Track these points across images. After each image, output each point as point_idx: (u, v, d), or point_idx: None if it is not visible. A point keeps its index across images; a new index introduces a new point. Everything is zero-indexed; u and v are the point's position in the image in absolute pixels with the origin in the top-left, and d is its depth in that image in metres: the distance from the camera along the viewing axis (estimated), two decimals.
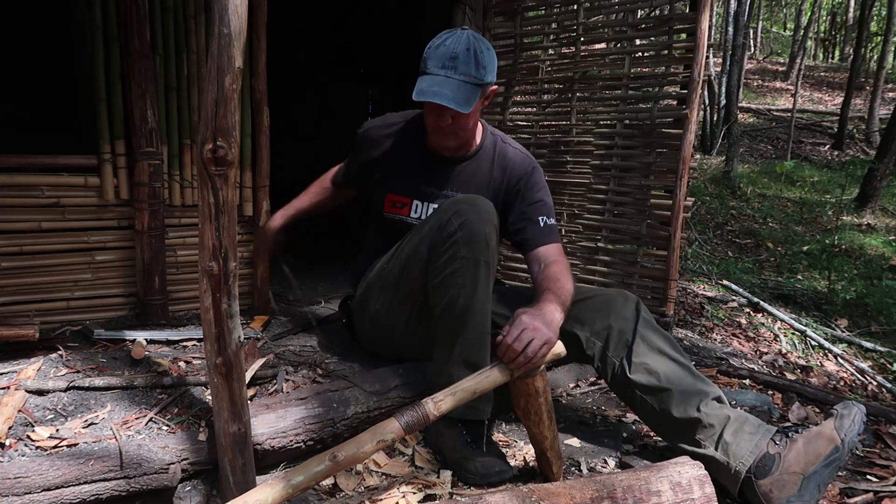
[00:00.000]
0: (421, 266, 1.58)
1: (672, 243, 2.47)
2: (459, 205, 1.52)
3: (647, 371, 1.54)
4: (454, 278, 1.48)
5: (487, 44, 1.63)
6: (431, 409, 1.23)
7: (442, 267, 1.50)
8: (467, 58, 1.57)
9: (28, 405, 1.54)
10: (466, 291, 1.47)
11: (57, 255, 2.11)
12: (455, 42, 1.58)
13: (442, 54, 1.58)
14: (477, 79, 1.59)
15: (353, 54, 5.34)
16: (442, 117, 1.64)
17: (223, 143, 1.04)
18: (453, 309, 1.49)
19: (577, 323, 1.63)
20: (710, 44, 2.43)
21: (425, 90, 1.57)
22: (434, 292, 1.54)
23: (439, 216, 1.54)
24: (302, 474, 1.10)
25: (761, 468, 1.36)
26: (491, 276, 1.51)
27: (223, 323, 1.12)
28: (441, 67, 1.57)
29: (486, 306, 1.51)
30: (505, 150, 1.83)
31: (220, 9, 1.01)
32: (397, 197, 1.84)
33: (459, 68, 1.57)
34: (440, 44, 1.60)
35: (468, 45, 1.58)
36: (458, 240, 1.47)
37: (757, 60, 21.38)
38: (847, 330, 4.01)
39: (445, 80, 1.57)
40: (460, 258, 1.47)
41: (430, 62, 1.59)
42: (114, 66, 2.07)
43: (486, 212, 1.51)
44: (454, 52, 1.57)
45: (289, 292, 2.87)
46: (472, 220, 1.48)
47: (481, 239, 1.47)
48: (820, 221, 7.87)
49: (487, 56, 1.61)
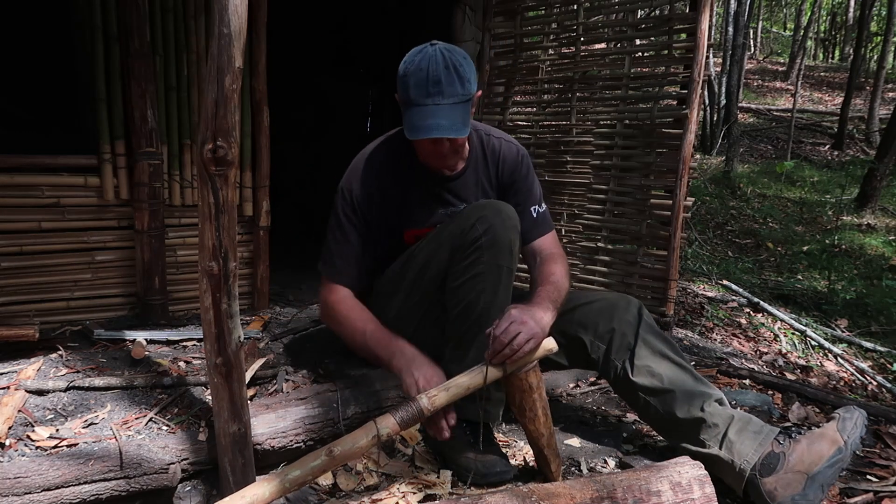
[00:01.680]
0: (439, 270, 1.56)
1: (672, 243, 2.47)
2: (484, 210, 1.50)
3: (649, 373, 1.55)
4: (475, 283, 1.48)
5: (461, 52, 1.54)
6: (426, 405, 1.25)
7: (463, 271, 1.49)
8: (450, 78, 1.48)
9: (28, 405, 1.54)
10: (486, 297, 1.47)
11: (57, 255, 2.11)
12: (430, 63, 1.48)
13: (422, 80, 1.48)
14: (464, 95, 1.50)
15: (353, 54, 5.34)
16: (439, 145, 1.57)
17: (223, 143, 1.04)
18: (472, 313, 1.48)
19: (581, 327, 1.64)
20: (710, 44, 2.44)
21: (419, 126, 1.48)
22: (452, 295, 1.53)
23: (461, 222, 1.52)
24: (298, 469, 1.11)
25: (766, 466, 1.37)
26: (511, 282, 1.51)
27: (223, 323, 1.12)
28: (427, 96, 1.48)
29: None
30: (491, 143, 1.78)
31: (220, 9, 1.01)
32: (418, 231, 1.73)
33: (446, 91, 1.48)
34: (415, 69, 1.48)
35: (446, 62, 1.48)
36: (483, 245, 1.46)
37: (757, 60, 21.39)
38: (847, 330, 4.01)
39: (436, 109, 1.48)
40: (483, 263, 1.46)
41: (412, 91, 1.49)
42: (114, 66, 2.07)
43: (510, 217, 1.50)
44: (435, 76, 1.47)
45: (289, 292, 2.87)
46: (496, 225, 1.47)
47: (505, 245, 1.47)
48: (820, 221, 7.87)
49: (467, 67, 1.52)
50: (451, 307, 1.54)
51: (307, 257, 3.45)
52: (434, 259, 1.58)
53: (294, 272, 3.23)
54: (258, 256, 2.45)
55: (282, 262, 3.17)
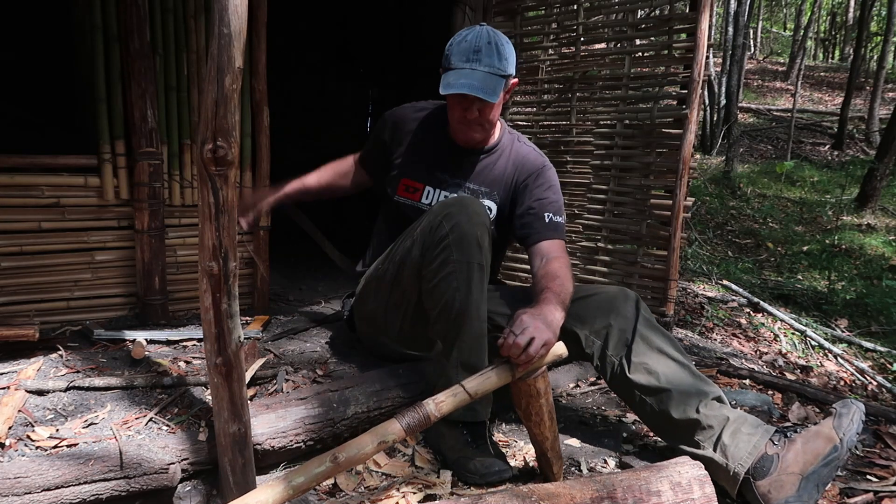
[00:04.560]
0: (414, 268, 1.58)
1: (672, 243, 2.47)
2: (449, 207, 1.52)
3: (646, 371, 1.53)
4: (448, 282, 1.48)
5: (506, 38, 1.68)
6: (433, 410, 1.22)
7: (435, 271, 1.51)
8: (490, 50, 1.62)
9: (28, 405, 1.54)
10: (461, 295, 1.48)
11: (57, 255, 2.11)
12: (476, 37, 1.63)
13: (465, 49, 1.63)
14: (500, 70, 1.64)
15: (353, 54, 5.34)
16: (469, 110, 1.68)
17: (223, 143, 1.04)
18: (449, 313, 1.49)
19: (577, 321, 1.63)
20: (710, 44, 2.43)
21: (452, 83, 1.61)
22: (428, 296, 1.54)
23: (430, 219, 1.54)
24: (302, 475, 1.10)
25: (759, 469, 1.36)
26: (485, 277, 1.51)
27: (223, 323, 1.12)
28: (466, 61, 1.62)
29: (481, 308, 1.50)
30: (520, 148, 1.87)
31: (220, 9, 1.01)
32: (411, 182, 1.85)
33: (483, 60, 1.62)
34: (461, 40, 1.65)
35: (489, 38, 1.63)
36: (450, 243, 1.48)
37: (757, 60, 21.38)
38: (847, 330, 4.01)
39: (472, 72, 1.61)
40: (453, 261, 1.48)
41: (453, 57, 1.64)
42: (114, 66, 2.07)
43: (477, 213, 1.51)
44: (477, 46, 1.62)
45: (289, 292, 2.87)
46: (461, 222, 1.48)
47: (472, 241, 1.48)
48: (820, 221, 7.87)
49: (508, 49, 1.66)
50: (430, 308, 1.56)
51: (307, 257, 3.46)
52: (409, 257, 1.60)
53: (294, 272, 3.23)
54: (258, 256, 2.45)
55: (282, 262, 3.17)
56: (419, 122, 1.88)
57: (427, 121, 1.88)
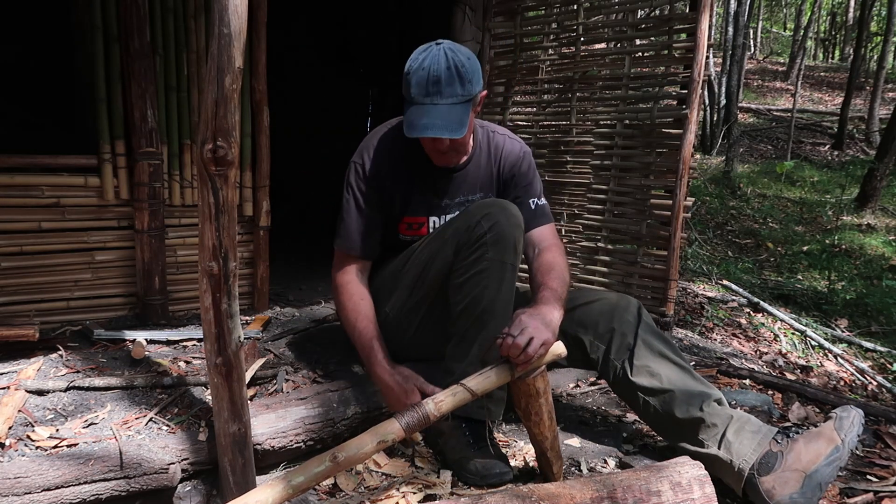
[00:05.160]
0: (443, 267, 1.58)
1: (672, 243, 2.47)
2: (490, 207, 1.52)
3: (648, 373, 1.55)
4: (479, 279, 1.49)
5: (467, 52, 1.56)
6: (432, 410, 1.23)
7: (468, 267, 1.51)
8: (450, 77, 1.50)
9: (28, 405, 1.54)
10: (490, 293, 1.48)
11: (57, 255, 2.11)
12: (433, 62, 1.51)
13: (423, 79, 1.51)
14: (464, 96, 1.52)
15: (353, 54, 5.34)
16: (439, 143, 1.60)
17: (223, 143, 1.04)
18: (476, 309, 1.50)
19: (581, 327, 1.65)
20: (710, 44, 2.43)
21: (416, 124, 1.51)
22: (456, 291, 1.54)
23: (467, 218, 1.54)
24: (302, 475, 1.10)
25: (764, 465, 1.37)
26: (514, 278, 1.53)
27: (223, 323, 1.12)
28: (426, 95, 1.51)
29: (508, 308, 1.51)
30: (495, 140, 1.82)
31: (220, 9, 1.01)
32: (413, 219, 1.77)
33: (445, 91, 1.50)
34: (418, 67, 1.52)
35: (448, 62, 1.50)
36: (488, 241, 1.48)
37: (757, 60, 21.38)
38: (847, 330, 4.00)
39: (433, 108, 1.50)
40: (487, 259, 1.48)
41: (413, 89, 1.52)
42: (114, 66, 2.07)
43: (515, 216, 1.52)
44: (436, 75, 1.50)
45: (289, 292, 2.87)
46: (502, 222, 1.49)
47: (510, 242, 1.49)
48: (820, 221, 7.86)
49: (470, 67, 1.54)
50: (455, 303, 1.55)
51: (307, 257, 3.46)
52: (438, 256, 1.59)
53: (294, 272, 3.23)
54: (258, 256, 2.45)
55: (282, 262, 3.17)
56: (389, 158, 1.72)
57: (395, 152, 1.73)
